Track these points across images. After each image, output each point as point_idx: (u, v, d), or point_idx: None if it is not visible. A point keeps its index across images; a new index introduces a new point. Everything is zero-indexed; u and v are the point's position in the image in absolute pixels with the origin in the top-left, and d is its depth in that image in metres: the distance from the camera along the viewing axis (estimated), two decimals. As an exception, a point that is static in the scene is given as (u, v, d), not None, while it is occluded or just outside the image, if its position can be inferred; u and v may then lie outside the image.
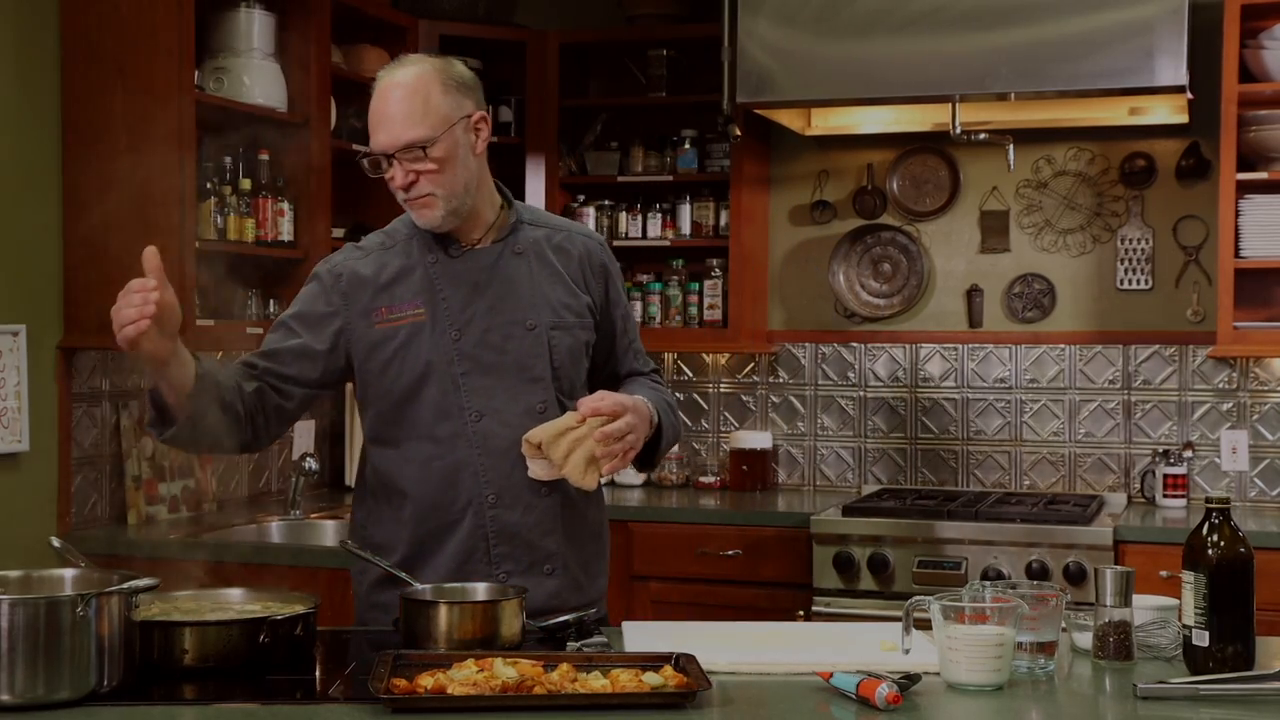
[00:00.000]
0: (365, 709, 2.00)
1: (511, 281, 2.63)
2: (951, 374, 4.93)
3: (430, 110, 2.52)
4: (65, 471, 3.85)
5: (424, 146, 2.52)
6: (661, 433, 2.66)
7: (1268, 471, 4.62)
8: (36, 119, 3.78)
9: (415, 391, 2.59)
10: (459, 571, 2.58)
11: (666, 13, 5.03)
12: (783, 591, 4.32)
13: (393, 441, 2.63)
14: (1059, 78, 4.09)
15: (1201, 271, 4.67)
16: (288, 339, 2.63)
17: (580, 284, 2.70)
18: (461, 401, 2.58)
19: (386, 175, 2.56)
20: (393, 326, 2.60)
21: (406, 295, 2.61)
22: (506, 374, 2.60)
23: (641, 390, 2.70)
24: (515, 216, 2.69)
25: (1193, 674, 2.21)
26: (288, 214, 4.16)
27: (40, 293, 3.80)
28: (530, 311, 2.63)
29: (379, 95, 2.55)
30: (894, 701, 2.01)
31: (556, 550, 2.62)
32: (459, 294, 2.61)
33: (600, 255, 2.75)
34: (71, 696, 1.99)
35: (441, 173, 2.54)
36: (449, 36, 4.90)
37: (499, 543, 2.59)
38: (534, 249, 2.68)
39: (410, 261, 2.64)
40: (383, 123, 2.53)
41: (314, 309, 2.64)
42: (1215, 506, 2.25)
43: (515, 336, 2.61)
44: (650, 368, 2.83)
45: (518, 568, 2.60)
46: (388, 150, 2.53)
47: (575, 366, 2.67)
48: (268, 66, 4.11)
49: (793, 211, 5.08)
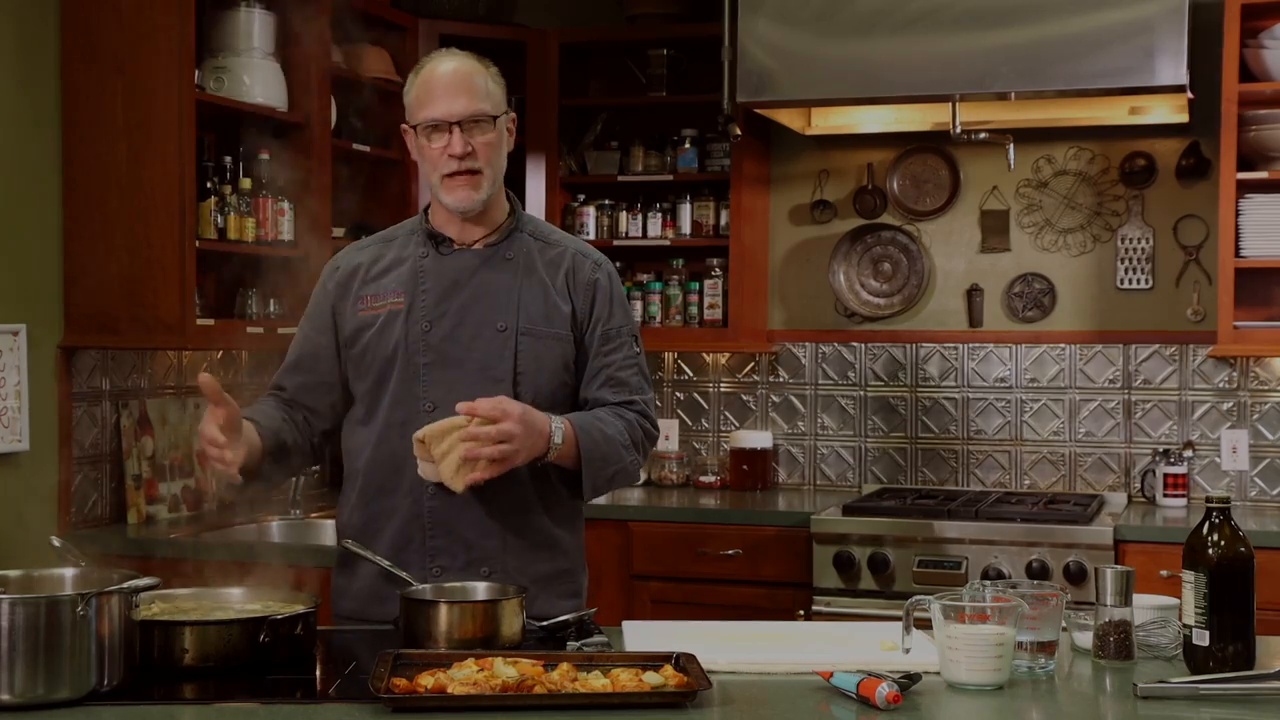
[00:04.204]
0: (365, 708, 2.00)
1: (492, 284, 2.66)
2: (951, 374, 4.93)
3: (490, 92, 2.65)
4: (65, 471, 3.85)
5: (492, 118, 2.62)
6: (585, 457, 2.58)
7: (1268, 471, 4.62)
8: (36, 118, 3.78)
9: (384, 377, 2.65)
10: (396, 558, 2.60)
11: (666, 12, 5.02)
12: (783, 591, 4.32)
13: (359, 422, 2.70)
14: (1059, 77, 4.09)
15: (1201, 271, 4.67)
16: (301, 346, 2.77)
17: (564, 296, 2.69)
18: (419, 391, 2.62)
19: (439, 145, 2.61)
20: (373, 314, 2.67)
21: (391, 285, 2.68)
22: (469, 371, 2.62)
23: (584, 415, 2.64)
24: (515, 224, 2.71)
25: (1193, 674, 2.21)
26: (288, 214, 4.16)
27: (40, 293, 3.80)
28: (503, 314, 2.64)
29: (436, 74, 2.63)
30: (894, 701, 2.01)
31: (495, 554, 2.61)
32: (439, 288, 2.65)
33: (590, 272, 2.72)
34: (71, 696, 1.99)
35: (495, 148, 2.64)
36: (449, 36, 4.89)
37: (435, 535, 2.61)
38: (524, 258, 2.69)
39: (403, 255, 2.71)
40: (448, 92, 2.60)
41: (317, 306, 2.77)
42: (1215, 506, 2.25)
43: (484, 336, 2.63)
44: (622, 398, 2.70)
45: (454, 564, 2.61)
46: (455, 117, 2.59)
47: (542, 375, 2.65)
48: (268, 66, 4.11)
49: (793, 211, 5.08)
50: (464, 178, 2.61)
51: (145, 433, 4.06)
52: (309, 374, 2.74)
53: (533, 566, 2.64)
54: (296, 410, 2.73)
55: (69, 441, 3.86)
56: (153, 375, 4.14)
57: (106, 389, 3.99)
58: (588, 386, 2.71)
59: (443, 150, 2.60)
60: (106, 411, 3.99)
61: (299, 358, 2.76)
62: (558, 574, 2.69)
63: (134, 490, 4.01)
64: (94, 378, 3.95)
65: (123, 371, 4.04)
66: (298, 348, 2.77)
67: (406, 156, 4.78)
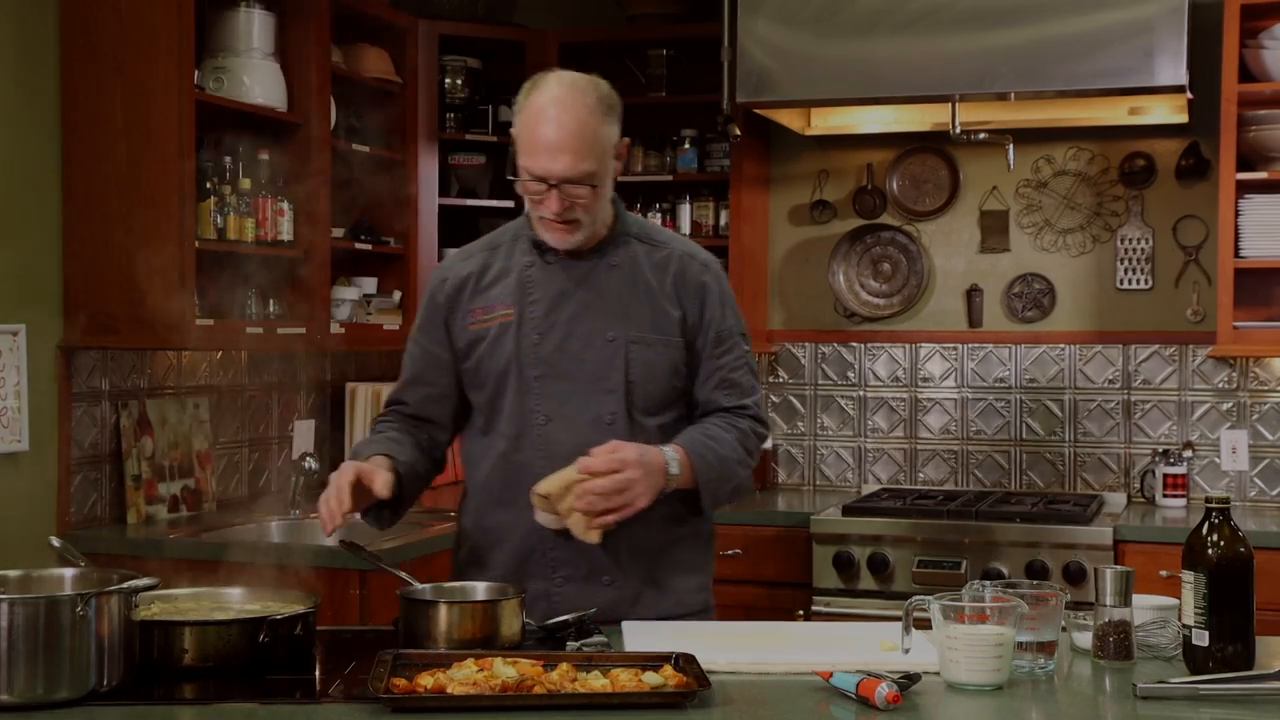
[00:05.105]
0: (365, 709, 2.01)
1: (600, 293, 2.64)
2: (951, 374, 4.93)
3: (597, 143, 2.53)
4: (65, 471, 3.85)
5: (591, 182, 2.53)
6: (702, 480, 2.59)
7: (1268, 471, 4.62)
8: (36, 119, 3.78)
9: (499, 390, 2.64)
10: (518, 571, 2.61)
11: (666, 13, 5.03)
12: (782, 591, 4.32)
13: (479, 432, 2.70)
14: (1059, 77, 4.09)
15: (1201, 271, 4.67)
16: (418, 361, 2.75)
17: (673, 300, 2.66)
18: (532, 404, 2.62)
19: (536, 197, 2.55)
20: (484, 326, 2.66)
21: (500, 297, 2.66)
22: (580, 382, 2.61)
23: (696, 435, 2.62)
24: (621, 229, 2.68)
25: (1193, 674, 2.21)
26: (287, 214, 4.15)
27: (40, 293, 3.80)
28: (612, 324, 2.62)
29: (544, 116, 2.52)
30: (894, 701, 2.01)
31: (617, 563, 2.61)
32: (547, 299, 2.64)
33: (698, 274, 2.69)
34: (71, 696, 2.00)
35: (595, 201, 2.57)
36: (449, 36, 4.90)
37: (555, 547, 2.61)
38: (630, 264, 2.66)
39: (509, 264, 2.68)
40: (550, 149, 2.50)
41: (430, 320, 2.74)
42: (1215, 506, 2.25)
43: (594, 346, 2.62)
44: (735, 403, 2.70)
45: (575, 574, 2.61)
46: (555, 179, 2.52)
47: (653, 382, 2.64)
48: (268, 66, 4.11)
49: (793, 211, 5.08)
50: (561, 226, 2.57)
51: (145, 433, 4.06)
52: (430, 386, 2.73)
53: (656, 574, 2.64)
54: (421, 428, 2.73)
55: (69, 442, 3.86)
56: (152, 375, 4.14)
57: (106, 389, 3.99)
58: (701, 388, 2.69)
59: (539, 201, 2.55)
60: (106, 412, 3.99)
61: (418, 372, 2.74)
62: (681, 580, 2.68)
63: (133, 490, 4.01)
64: (94, 378, 3.95)
65: (122, 372, 4.04)
66: (415, 362, 2.75)
67: (406, 156, 4.79)
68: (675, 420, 2.68)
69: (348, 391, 4.91)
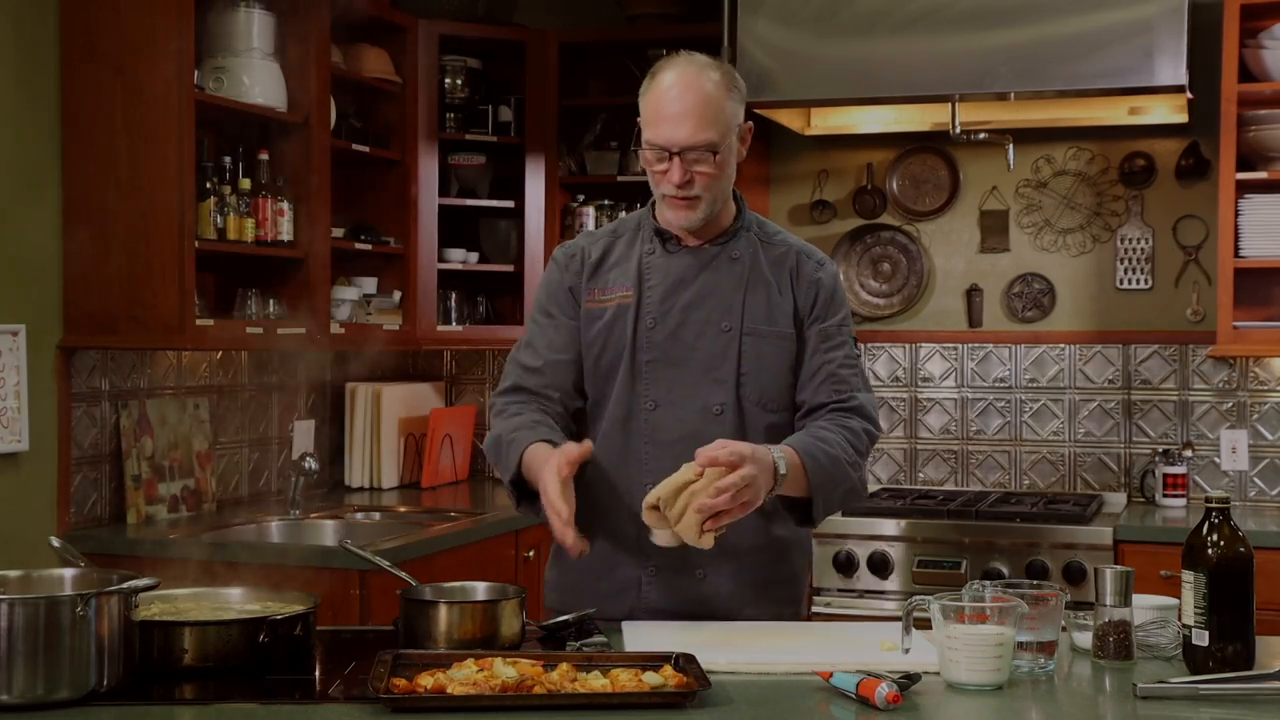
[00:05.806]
0: (365, 709, 2.00)
1: (717, 283, 2.64)
2: (951, 374, 4.93)
3: (721, 116, 2.55)
4: (65, 471, 3.85)
5: (713, 150, 2.54)
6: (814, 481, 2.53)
7: (1267, 471, 4.62)
8: (36, 119, 3.78)
9: (611, 371, 2.64)
10: (611, 556, 2.61)
11: (666, 12, 5.02)
12: (782, 591, 4.31)
13: (590, 415, 2.69)
14: (1059, 77, 4.09)
15: (1201, 271, 4.67)
16: (547, 331, 2.69)
17: (789, 295, 2.66)
18: (641, 389, 2.62)
19: (660, 168, 2.57)
20: (601, 306, 2.66)
21: (619, 279, 2.67)
22: (691, 370, 2.61)
23: (806, 438, 2.56)
24: (742, 223, 2.69)
25: (1193, 674, 2.21)
26: (287, 214, 4.16)
27: (40, 293, 3.80)
28: (728, 314, 2.62)
29: (668, 90, 2.56)
30: (894, 701, 2.01)
31: (710, 556, 2.53)
32: (664, 286, 2.64)
33: (813, 270, 2.68)
34: (71, 696, 1.99)
35: (716, 177, 2.57)
36: (449, 36, 4.90)
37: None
38: (750, 258, 2.66)
39: (631, 250, 2.69)
40: (673, 118, 2.54)
41: (559, 287, 2.71)
42: (1215, 506, 2.25)
43: (708, 336, 2.62)
44: (844, 401, 2.63)
45: (668, 564, 2.59)
46: (676, 146, 2.54)
47: (765, 374, 2.62)
48: (268, 66, 4.11)
49: (793, 211, 5.08)
50: (682, 201, 2.58)
51: (145, 433, 4.06)
52: (563, 353, 2.68)
53: (749, 572, 2.63)
54: (553, 401, 2.67)
55: (68, 442, 3.86)
56: (152, 375, 4.14)
57: (106, 389, 3.99)
58: (807, 385, 2.65)
59: (663, 175, 2.57)
60: (106, 412, 3.99)
61: (551, 341, 2.68)
62: (776, 580, 2.67)
63: (133, 490, 4.01)
64: (93, 378, 3.95)
65: (122, 372, 4.04)
66: (546, 334, 2.69)
67: (406, 156, 4.79)
68: (787, 425, 2.64)
69: (348, 391, 4.92)
